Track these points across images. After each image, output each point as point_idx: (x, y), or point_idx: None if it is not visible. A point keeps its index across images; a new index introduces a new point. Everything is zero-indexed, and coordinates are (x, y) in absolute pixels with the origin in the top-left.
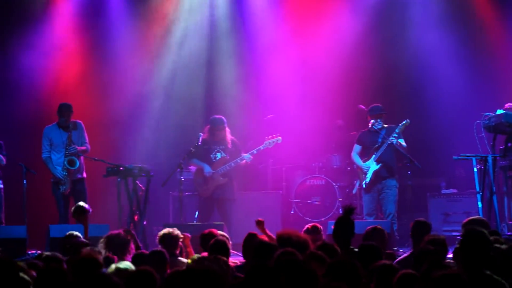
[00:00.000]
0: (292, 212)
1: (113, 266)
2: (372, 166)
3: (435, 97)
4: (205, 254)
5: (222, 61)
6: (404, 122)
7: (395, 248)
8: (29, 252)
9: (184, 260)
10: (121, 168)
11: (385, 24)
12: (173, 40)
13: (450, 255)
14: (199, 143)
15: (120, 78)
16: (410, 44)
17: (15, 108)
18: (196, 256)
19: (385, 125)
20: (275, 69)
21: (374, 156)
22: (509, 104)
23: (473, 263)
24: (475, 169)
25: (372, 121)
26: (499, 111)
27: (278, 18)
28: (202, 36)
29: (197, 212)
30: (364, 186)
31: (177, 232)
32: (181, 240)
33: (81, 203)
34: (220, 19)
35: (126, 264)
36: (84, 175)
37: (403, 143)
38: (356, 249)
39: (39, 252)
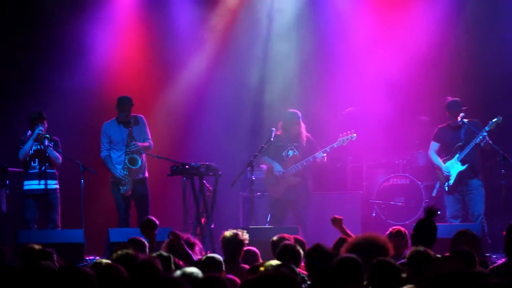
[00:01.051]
0: (373, 215)
1: (178, 272)
2: (456, 166)
3: None
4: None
5: (298, 52)
6: (495, 119)
7: (488, 254)
8: (87, 258)
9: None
10: (186, 166)
11: (475, 12)
12: (243, 30)
13: None
14: (272, 139)
15: (185, 70)
16: (502, 32)
17: (71, 103)
18: (270, 263)
19: (465, 120)
20: (355, 60)
21: (457, 155)
22: None
23: None
24: None
25: (461, 114)
26: None
27: (359, 9)
28: (275, 26)
29: (269, 215)
30: (446, 188)
31: (242, 236)
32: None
33: (151, 217)
34: (294, 8)
35: (193, 270)
36: (146, 174)
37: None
38: (439, 255)
39: (97, 258)
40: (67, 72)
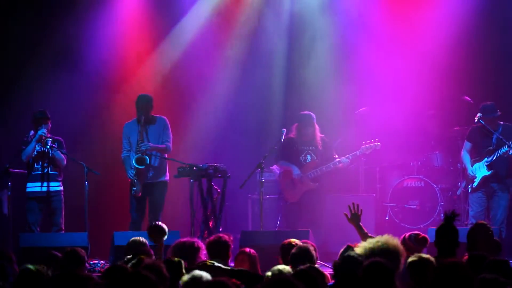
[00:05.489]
0: (387, 218)
1: (187, 275)
2: (482, 170)
3: None
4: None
5: (306, 47)
6: None
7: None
8: (91, 262)
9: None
10: (194, 168)
11: (497, 9)
12: (250, 24)
13: None
14: (282, 140)
15: (195, 70)
16: None
17: (75, 102)
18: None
19: (501, 122)
20: (367, 56)
21: (486, 159)
22: None
23: None
24: None
25: (478, 115)
26: None
27: (375, 2)
28: (283, 16)
29: (279, 218)
30: (469, 190)
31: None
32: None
33: (159, 223)
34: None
35: (201, 274)
36: (167, 178)
37: None
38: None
39: (102, 262)
40: (70, 70)
